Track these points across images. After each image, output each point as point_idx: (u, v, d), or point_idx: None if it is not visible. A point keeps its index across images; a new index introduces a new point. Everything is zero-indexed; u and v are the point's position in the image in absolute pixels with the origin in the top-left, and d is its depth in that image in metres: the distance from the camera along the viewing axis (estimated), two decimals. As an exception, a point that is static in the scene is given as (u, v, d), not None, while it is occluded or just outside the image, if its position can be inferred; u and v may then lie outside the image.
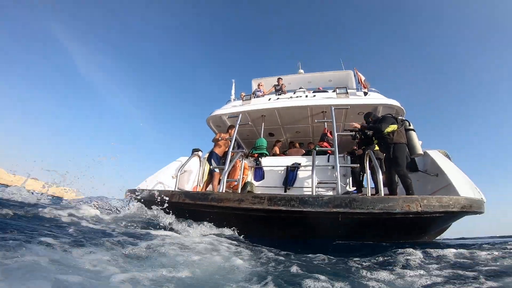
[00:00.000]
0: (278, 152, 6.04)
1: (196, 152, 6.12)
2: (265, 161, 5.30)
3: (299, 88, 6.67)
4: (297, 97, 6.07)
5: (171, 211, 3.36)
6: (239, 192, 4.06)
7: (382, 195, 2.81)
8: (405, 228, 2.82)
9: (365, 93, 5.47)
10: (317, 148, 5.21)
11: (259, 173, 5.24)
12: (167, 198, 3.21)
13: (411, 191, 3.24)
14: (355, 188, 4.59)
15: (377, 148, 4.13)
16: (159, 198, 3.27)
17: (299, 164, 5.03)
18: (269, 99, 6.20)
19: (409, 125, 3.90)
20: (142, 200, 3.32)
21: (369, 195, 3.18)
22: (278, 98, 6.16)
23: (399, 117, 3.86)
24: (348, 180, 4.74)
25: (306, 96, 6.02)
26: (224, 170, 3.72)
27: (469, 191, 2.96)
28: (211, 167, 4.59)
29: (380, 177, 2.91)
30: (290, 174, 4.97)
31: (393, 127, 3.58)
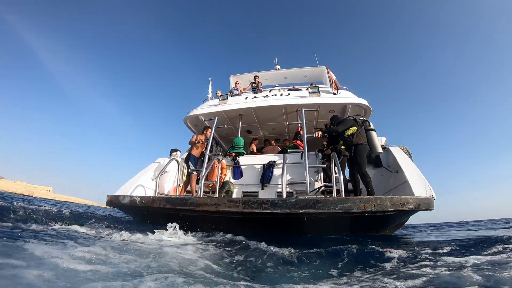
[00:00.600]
0: (255, 150, 6.29)
1: (175, 153, 6.21)
2: (243, 160, 5.53)
3: (275, 86, 6.87)
4: (272, 95, 6.27)
5: (151, 216, 3.51)
6: (218, 191, 4.31)
7: (343, 195, 3.17)
8: (364, 224, 3.22)
9: (334, 93, 5.79)
10: (290, 147, 5.57)
11: (238, 172, 5.47)
12: (149, 204, 3.35)
13: (370, 188, 3.66)
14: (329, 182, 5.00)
15: (343, 146, 4.51)
16: (140, 204, 3.40)
17: (275, 162, 5.32)
18: (246, 98, 6.34)
19: (369, 125, 4.28)
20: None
21: (334, 194, 3.55)
22: (254, 97, 6.33)
23: (361, 118, 4.22)
24: (319, 176, 5.12)
25: (281, 94, 6.23)
26: (201, 175, 3.88)
27: (421, 189, 3.39)
28: (189, 170, 4.72)
29: (341, 178, 3.26)
30: (267, 172, 5.26)
31: (352, 130, 3.94)
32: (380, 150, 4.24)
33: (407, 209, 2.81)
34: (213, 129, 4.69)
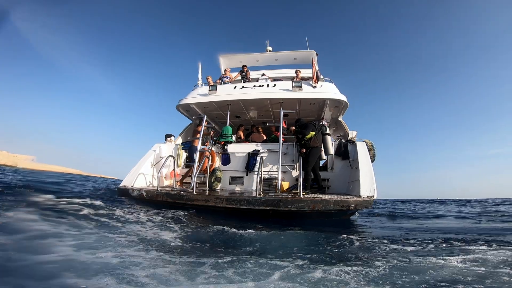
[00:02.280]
0: (242, 136, 6.98)
1: (169, 138, 6.91)
2: (231, 148, 6.25)
3: (262, 75, 7.20)
4: (259, 86, 6.68)
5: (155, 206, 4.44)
6: (208, 178, 5.17)
7: (301, 194, 4.04)
8: (317, 215, 4.18)
9: (314, 87, 6.23)
10: (272, 138, 6.30)
11: (226, 158, 6.23)
12: (153, 198, 4.26)
13: (307, 184, 4.72)
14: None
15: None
16: (147, 198, 4.30)
17: (258, 151, 6.08)
18: (235, 87, 6.73)
19: (326, 130, 5.08)
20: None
21: (300, 190, 4.41)
22: (242, 87, 6.72)
23: (320, 123, 4.96)
24: (296, 165, 5.96)
25: (268, 85, 6.63)
26: (193, 173, 4.66)
27: (368, 189, 4.27)
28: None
29: (301, 180, 4.10)
30: (251, 159, 6.04)
31: (311, 134, 4.74)
32: (332, 152, 5.28)
33: (347, 209, 3.74)
34: (203, 128, 5.29)
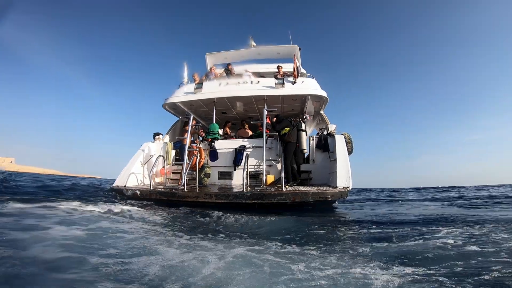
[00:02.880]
0: (229, 132, 7.25)
1: (158, 136, 7.08)
2: (218, 144, 6.53)
3: (245, 72, 7.39)
4: (244, 82, 6.89)
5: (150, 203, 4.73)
6: (197, 173, 5.45)
7: (283, 186, 4.44)
8: (298, 205, 4.61)
9: (293, 83, 6.54)
10: (257, 134, 6.62)
11: (214, 154, 6.51)
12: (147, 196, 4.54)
13: (289, 176, 5.10)
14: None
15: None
16: (141, 196, 4.56)
17: (245, 146, 6.40)
18: (220, 84, 6.92)
19: (301, 126, 5.47)
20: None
21: (283, 183, 4.78)
22: (227, 83, 6.92)
23: (297, 119, 5.34)
24: (280, 158, 6.35)
25: (251, 82, 6.86)
26: (183, 171, 4.94)
27: (344, 181, 4.68)
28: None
29: (283, 174, 4.49)
30: (238, 155, 6.36)
31: (286, 130, 5.12)
32: (305, 147, 5.80)
33: (324, 199, 4.18)
34: (190, 127, 5.53)
